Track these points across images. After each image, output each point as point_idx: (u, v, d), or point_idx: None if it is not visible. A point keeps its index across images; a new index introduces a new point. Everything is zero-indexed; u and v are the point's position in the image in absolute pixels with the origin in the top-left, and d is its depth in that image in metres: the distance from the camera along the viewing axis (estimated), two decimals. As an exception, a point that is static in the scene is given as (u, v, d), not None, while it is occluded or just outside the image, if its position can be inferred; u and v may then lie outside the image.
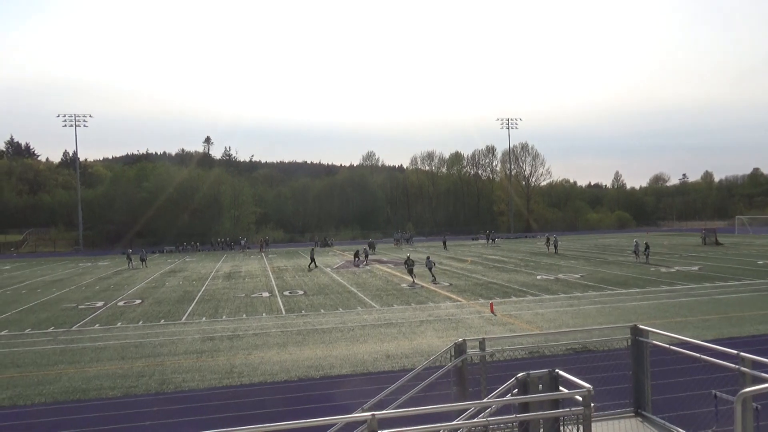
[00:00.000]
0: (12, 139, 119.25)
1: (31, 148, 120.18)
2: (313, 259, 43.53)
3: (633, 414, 6.98)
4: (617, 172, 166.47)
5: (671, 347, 6.81)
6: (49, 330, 20.81)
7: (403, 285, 30.35)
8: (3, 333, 20.49)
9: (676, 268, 34.49)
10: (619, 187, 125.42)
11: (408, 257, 34.03)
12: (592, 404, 4.63)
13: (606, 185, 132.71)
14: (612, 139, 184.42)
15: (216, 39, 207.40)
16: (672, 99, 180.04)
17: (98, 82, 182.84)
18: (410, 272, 31.92)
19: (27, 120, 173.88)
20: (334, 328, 19.55)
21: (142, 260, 48.55)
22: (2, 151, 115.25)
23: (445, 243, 62.55)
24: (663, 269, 33.96)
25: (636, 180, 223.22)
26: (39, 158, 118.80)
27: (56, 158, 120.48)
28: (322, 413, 10.66)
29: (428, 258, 34.97)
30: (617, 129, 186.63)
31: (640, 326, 7.10)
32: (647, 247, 39.95)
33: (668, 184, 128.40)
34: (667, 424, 6.67)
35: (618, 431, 6.36)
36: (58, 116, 79.84)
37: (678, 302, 22.64)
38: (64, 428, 11.12)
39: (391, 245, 70.07)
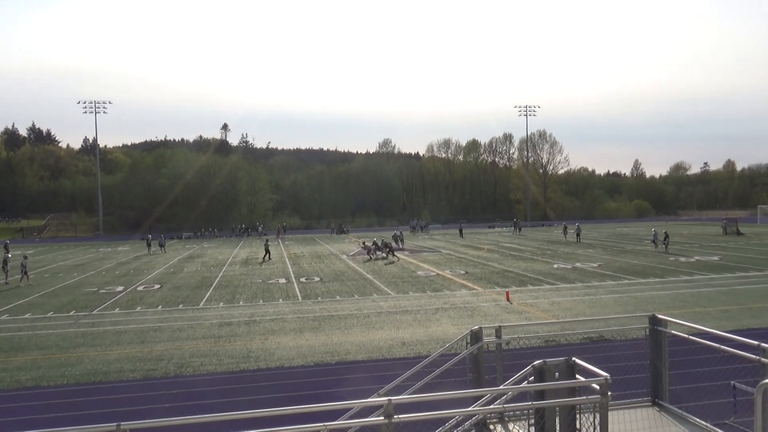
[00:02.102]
0: (34, 125, 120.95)
1: (52, 134, 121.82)
2: (267, 251, 40.09)
3: (650, 403, 6.94)
4: (636, 161, 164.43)
5: (690, 337, 6.74)
6: (71, 313, 21.21)
7: (419, 273, 30.37)
8: (26, 316, 20.94)
9: (696, 257, 34.05)
10: (638, 176, 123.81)
11: (384, 241, 40.39)
12: (609, 393, 4.60)
13: (625, 174, 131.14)
14: (631, 127, 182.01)
15: (234, 27, 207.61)
16: (694, 87, 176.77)
17: (118, 70, 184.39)
18: (391, 252, 38.20)
19: (48, 107, 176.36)
20: (350, 315, 19.66)
21: (161, 246, 49.16)
22: (24, 137, 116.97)
23: (461, 231, 62.38)
24: (682, 259, 33.54)
25: (656, 168, 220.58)
26: (60, 144, 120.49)
27: (77, 144, 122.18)
28: (337, 398, 10.76)
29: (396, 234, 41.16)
30: (637, 117, 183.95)
31: (659, 316, 7.03)
32: (666, 236, 39.45)
33: (689, 172, 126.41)
34: (684, 413, 6.62)
35: (635, 420, 6.32)
36: (79, 103, 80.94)
37: (697, 292, 22.37)
38: (85, 409, 11.37)
39: (408, 232, 70.07)
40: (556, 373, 4.99)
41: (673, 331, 7.04)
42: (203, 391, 12.28)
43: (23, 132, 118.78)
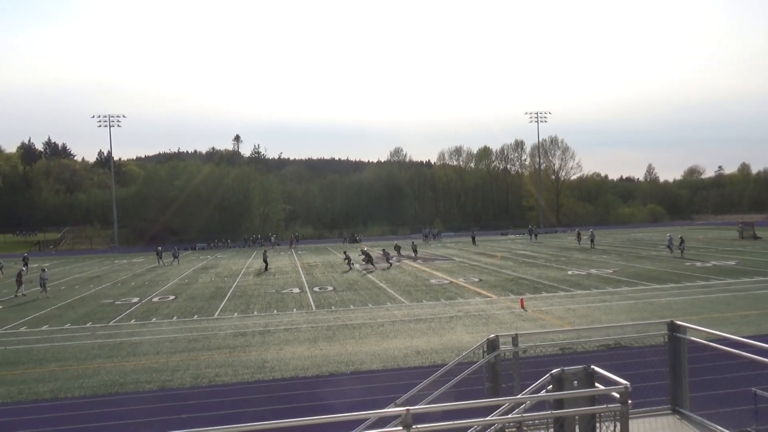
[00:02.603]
0: (49, 139, 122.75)
1: (67, 148, 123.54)
2: (266, 262, 39.95)
3: (670, 411, 6.84)
4: (650, 165, 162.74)
5: (709, 343, 6.65)
6: (88, 325, 21.40)
7: (432, 281, 30.27)
8: (44, 328, 21.16)
9: (713, 262, 33.63)
10: (651, 181, 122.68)
11: (364, 250, 41.14)
12: (630, 401, 4.55)
13: (638, 178, 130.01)
14: (644, 132, 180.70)
15: (246, 40, 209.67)
16: (707, 90, 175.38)
17: (131, 84, 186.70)
18: (369, 260, 38.72)
19: (64, 121, 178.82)
20: (364, 324, 19.63)
21: (175, 257, 49.50)
22: (41, 151, 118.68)
23: (474, 238, 62.16)
24: (699, 264, 33.15)
25: (669, 173, 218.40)
26: (75, 158, 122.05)
27: (92, 158, 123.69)
28: (353, 408, 10.73)
29: (384, 250, 41.54)
30: (650, 121, 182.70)
31: (677, 322, 6.95)
32: (682, 241, 39.01)
33: (703, 176, 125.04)
34: (705, 421, 6.52)
35: (655, 429, 6.24)
36: (93, 117, 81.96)
37: (715, 297, 22.08)
38: (103, 420, 11.43)
39: (420, 241, 69.97)
40: (575, 382, 4.94)
41: (692, 338, 6.95)
42: (219, 402, 12.31)
43: (39, 146, 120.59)
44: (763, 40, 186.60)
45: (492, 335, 6.66)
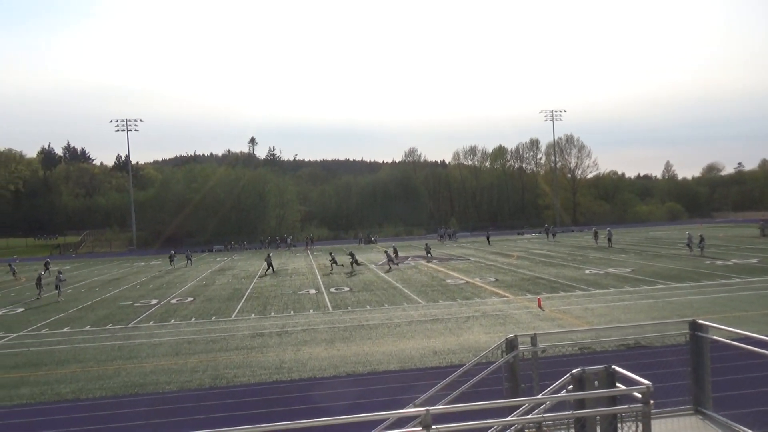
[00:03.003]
0: (69, 144, 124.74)
1: (86, 152, 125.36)
2: (270, 265, 39.43)
3: (693, 411, 6.75)
4: (668, 162, 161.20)
5: (733, 343, 6.55)
6: (108, 327, 21.67)
7: (449, 281, 30.18)
8: (65, 330, 21.47)
9: (733, 260, 33.10)
10: (669, 178, 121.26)
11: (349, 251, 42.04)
12: (652, 401, 4.49)
13: (656, 176, 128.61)
14: (661, 129, 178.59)
15: (261, 43, 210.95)
16: (726, 85, 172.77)
17: (148, 88, 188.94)
18: (334, 262, 39.65)
19: (82, 126, 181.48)
20: (381, 324, 19.63)
21: (188, 258, 49.98)
22: (60, 156, 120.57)
23: (488, 238, 61.84)
24: (719, 262, 32.65)
25: (688, 170, 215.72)
26: (94, 162, 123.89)
27: (110, 162, 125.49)
28: (370, 408, 10.74)
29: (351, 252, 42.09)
30: (667, 117, 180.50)
31: (699, 321, 6.85)
32: (702, 239, 38.45)
33: (723, 173, 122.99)
34: (729, 422, 6.42)
35: (678, 429, 6.15)
36: (111, 121, 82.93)
37: (736, 296, 21.72)
38: (123, 421, 11.57)
39: (435, 241, 69.85)
40: (596, 382, 4.89)
41: (714, 337, 6.85)
42: (238, 403, 12.39)
43: (59, 151, 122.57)
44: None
45: (510, 335, 6.62)
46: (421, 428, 4.15)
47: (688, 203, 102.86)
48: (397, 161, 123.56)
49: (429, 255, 44.94)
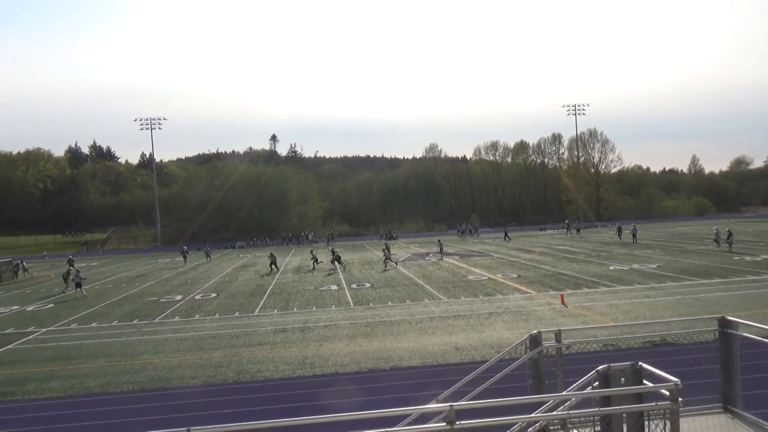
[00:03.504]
0: (95, 143, 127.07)
1: (112, 151, 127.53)
2: (273, 263, 37.97)
3: (722, 410, 6.62)
4: (694, 156, 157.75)
5: (764, 340, 6.40)
6: (134, 322, 22.06)
7: (470, 277, 30.06)
8: (93, 325, 21.91)
9: (762, 256, 32.37)
10: (696, 172, 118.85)
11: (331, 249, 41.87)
12: (680, 399, 4.42)
13: (682, 170, 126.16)
14: (688, 122, 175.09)
15: (281, 41, 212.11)
16: (753, 76, 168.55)
17: (171, 87, 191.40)
18: (316, 261, 39.54)
19: (108, 125, 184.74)
20: (402, 320, 19.64)
21: (207, 255, 50.67)
22: (87, 155, 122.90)
23: (506, 234, 61.28)
24: (748, 258, 31.95)
25: (715, 164, 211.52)
26: (119, 161, 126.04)
27: (135, 160, 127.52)
28: (393, 404, 10.74)
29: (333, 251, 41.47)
30: (693, 110, 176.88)
31: (728, 317, 6.71)
32: (730, 234, 37.66)
33: (751, 167, 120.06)
34: (759, 420, 6.28)
35: (706, 427, 6.04)
36: (135, 120, 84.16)
37: (766, 293, 21.24)
38: (150, 414, 11.78)
39: (455, 237, 69.61)
40: (622, 379, 4.82)
41: (744, 334, 6.70)
42: (261, 397, 12.52)
43: (85, 150, 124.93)
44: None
45: (534, 331, 6.56)
46: (444, 424, 4.14)
47: (715, 198, 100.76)
48: (417, 157, 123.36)
49: (441, 251, 44.64)
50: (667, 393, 4.42)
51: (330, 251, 42.08)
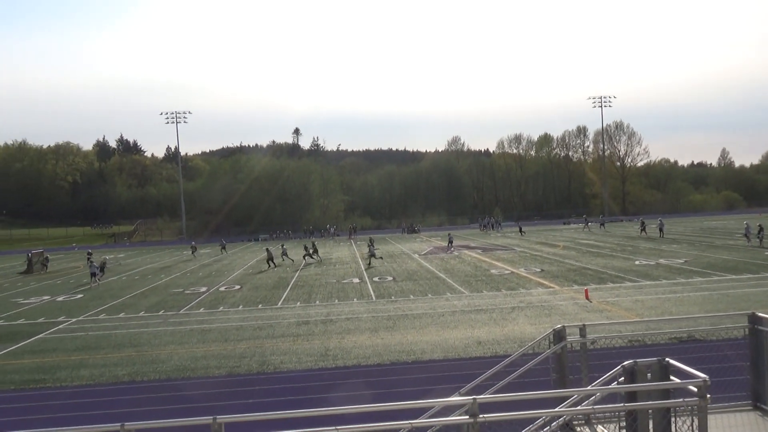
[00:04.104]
0: (122, 137, 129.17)
1: (138, 144, 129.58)
2: (270, 259, 37.25)
3: (751, 407, 6.49)
4: (724, 149, 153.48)
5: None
6: (160, 313, 22.45)
7: (493, 271, 29.90)
8: (121, 315, 22.37)
9: (796, 252, 31.53)
10: (726, 166, 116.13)
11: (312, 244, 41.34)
12: (708, 395, 4.34)
13: (711, 164, 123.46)
14: (717, 114, 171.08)
15: (304, 35, 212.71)
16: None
17: (196, 81, 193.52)
18: (270, 260, 36.97)
19: (134, 119, 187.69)
20: (424, 314, 19.64)
21: (223, 247, 51.40)
22: (114, 148, 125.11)
23: (521, 229, 60.64)
24: (780, 253, 31.15)
25: (746, 157, 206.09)
26: (145, 154, 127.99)
27: (160, 153, 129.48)
28: (414, 397, 10.77)
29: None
30: (723, 102, 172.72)
31: (759, 314, 6.56)
32: (761, 229, 36.74)
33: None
34: (791, 419, 6.14)
35: (735, 425, 5.93)
36: (161, 114, 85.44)
37: (799, 289, 20.71)
38: (176, 403, 11.99)
39: (477, 231, 69.25)
40: (648, 375, 4.75)
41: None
42: (284, 388, 12.65)
43: (113, 143, 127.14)
44: None
45: (558, 325, 6.50)
46: (467, 417, 4.13)
47: (745, 192, 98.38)
48: (440, 150, 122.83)
49: (450, 245, 44.65)
50: (695, 389, 4.35)
51: (305, 246, 41.32)
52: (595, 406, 4.67)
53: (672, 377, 4.72)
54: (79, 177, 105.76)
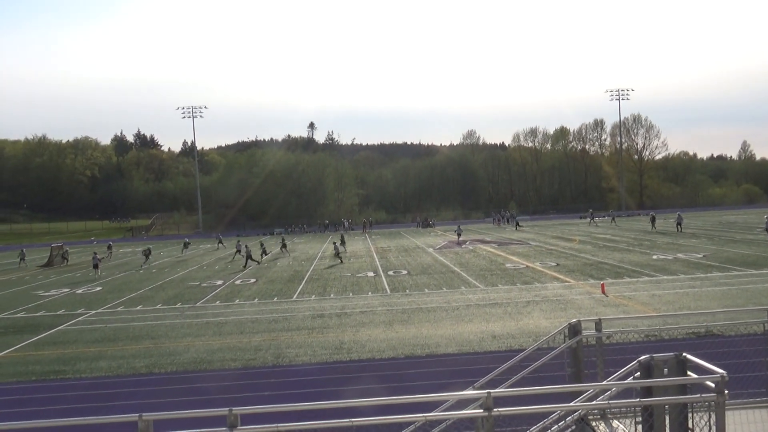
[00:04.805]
0: (139, 131, 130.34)
1: (155, 139, 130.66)
2: (263, 253, 36.70)
3: (771, 404, 6.40)
4: (744, 142, 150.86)
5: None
6: (177, 306, 22.70)
7: (508, 265, 29.77)
8: (138, 308, 22.66)
9: (818, 246, 30.96)
10: (746, 158, 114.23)
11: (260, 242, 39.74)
12: (726, 391, 4.29)
13: (731, 156, 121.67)
14: (738, 107, 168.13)
15: (319, 29, 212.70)
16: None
17: (212, 76, 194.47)
18: (244, 257, 35.33)
19: (151, 113, 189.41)
20: (439, 308, 19.63)
21: (220, 242, 52.12)
22: (131, 143, 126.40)
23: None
24: (801, 248, 30.62)
25: (767, 150, 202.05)
26: (162, 148, 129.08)
27: (177, 148, 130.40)
28: (428, 390, 10.78)
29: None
30: (743, 94, 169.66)
31: (779, 309, 6.46)
32: (782, 223, 36.15)
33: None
34: (811, 416, 6.05)
35: (754, 421, 5.85)
36: (178, 109, 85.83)
37: (820, 284, 20.35)
38: (193, 395, 12.14)
39: (491, 225, 68.96)
40: (665, 370, 4.70)
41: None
42: (299, 381, 12.74)
43: (130, 138, 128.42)
44: None
45: (573, 320, 6.47)
46: (482, 410, 4.13)
47: (767, 185, 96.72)
48: (455, 144, 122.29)
49: (459, 236, 45.76)
50: (713, 385, 4.30)
51: (260, 243, 41.95)
52: (610, 401, 4.64)
53: (689, 372, 4.67)
54: (98, 171, 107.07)
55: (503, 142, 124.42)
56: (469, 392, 4.75)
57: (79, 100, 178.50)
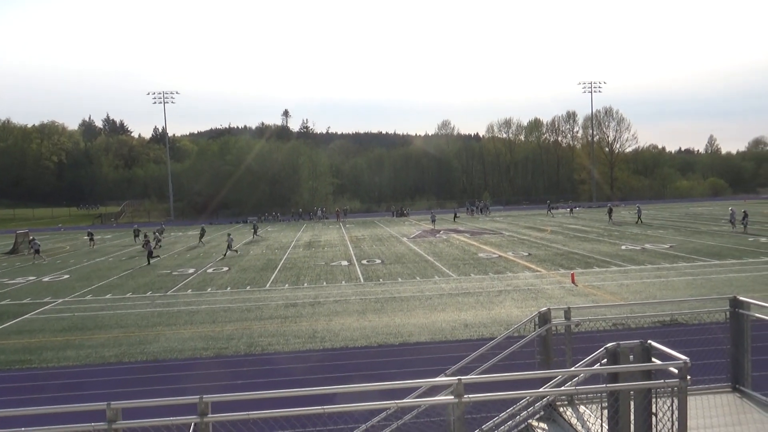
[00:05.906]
0: (108, 117, 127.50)
1: (125, 125, 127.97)
2: (229, 246, 35.14)
3: (730, 389, 6.62)
4: (711, 136, 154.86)
5: (775, 321, 6.35)
6: (147, 294, 22.37)
7: (481, 255, 30.07)
8: (107, 296, 22.26)
9: (779, 238, 32.01)
10: (713, 152, 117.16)
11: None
12: (689, 377, 4.42)
13: (699, 150, 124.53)
14: (705, 101, 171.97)
15: (293, 17, 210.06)
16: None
17: (184, 61, 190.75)
18: (150, 254, 33.31)
19: (121, 98, 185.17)
20: (412, 297, 19.75)
21: (157, 239, 50.65)
22: (100, 128, 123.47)
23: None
24: (763, 239, 31.62)
25: (733, 144, 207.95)
26: (132, 134, 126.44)
27: (147, 134, 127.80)
28: (401, 378, 10.86)
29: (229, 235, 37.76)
30: (711, 90, 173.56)
31: (740, 298, 6.66)
32: (745, 215, 37.26)
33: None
34: (768, 400, 6.27)
35: (714, 406, 6.05)
36: (148, 94, 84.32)
37: (780, 274, 21.06)
38: (164, 384, 12.01)
39: (464, 214, 69.47)
40: (631, 356, 4.82)
41: (757, 315, 6.66)
42: (272, 369, 12.71)
43: (99, 123, 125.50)
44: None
45: (543, 309, 6.57)
46: (452, 397, 4.18)
47: (732, 179, 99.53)
48: (430, 134, 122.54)
49: (433, 223, 49.85)
50: (676, 371, 4.42)
51: (199, 233, 43.27)
52: (578, 387, 4.74)
53: (654, 359, 4.80)
54: (65, 157, 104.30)
55: (477, 133, 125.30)
56: (441, 379, 4.80)
57: (46, 83, 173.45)
